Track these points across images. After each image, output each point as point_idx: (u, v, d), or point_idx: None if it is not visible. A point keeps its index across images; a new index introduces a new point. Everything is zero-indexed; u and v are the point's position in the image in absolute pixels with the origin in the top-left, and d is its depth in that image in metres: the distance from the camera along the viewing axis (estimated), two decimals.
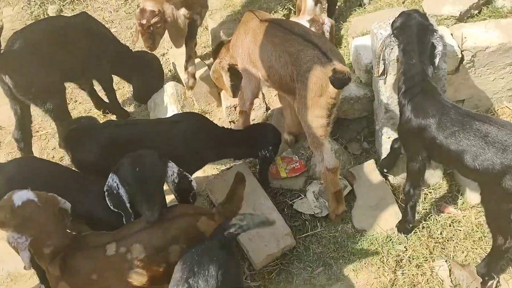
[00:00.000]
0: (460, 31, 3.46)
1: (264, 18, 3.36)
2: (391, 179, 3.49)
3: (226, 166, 3.77)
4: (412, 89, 2.89)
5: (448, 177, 3.48)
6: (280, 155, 3.65)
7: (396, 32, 2.96)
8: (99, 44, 3.69)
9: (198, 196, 3.55)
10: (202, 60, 4.30)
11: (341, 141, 3.73)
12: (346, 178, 3.50)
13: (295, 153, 3.72)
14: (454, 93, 3.58)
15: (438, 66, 3.09)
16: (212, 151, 3.32)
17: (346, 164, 3.60)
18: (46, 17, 5.06)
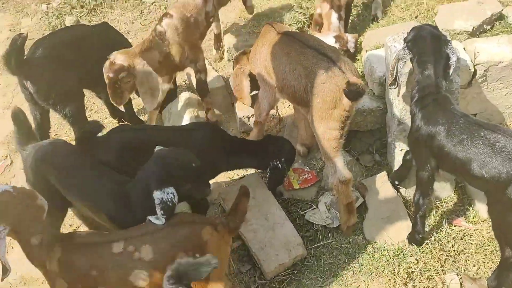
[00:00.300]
0: (472, 46, 3.49)
1: (281, 31, 3.40)
2: (403, 192, 3.50)
3: (239, 175, 3.80)
4: (425, 98, 2.91)
5: (459, 190, 3.49)
6: (292, 166, 3.68)
7: (410, 44, 2.98)
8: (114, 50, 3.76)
9: (211, 204, 3.58)
10: (216, 71, 4.36)
11: (353, 153, 3.75)
12: (358, 190, 3.52)
13: (306, 164, 3.75)
14: (466, 106, 3.60)
15: (451, 79, 3.12)
16: (226, 160, 3.35)
17: (358, 176, 3.61)
18: (68, 25, 5.16)
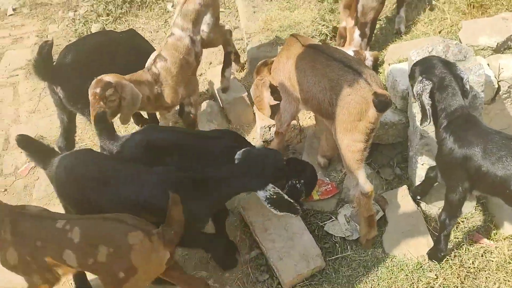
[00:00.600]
0: (497, 62, 3.49)
1: (306, 43, 3.42)
2: (423, 206, 3.49)
3: None
4: (455, 121, 2.90)
5: (481, 206, 3.47)
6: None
7: (425, 75, 2.95)
8: (144, 60, 3.82)
9: (230, 213, 3.60)
10: (239, 81, 4.40)
11: (373, 166, 3.75)
12: (378, 203, 3.51)
13: (326, 175, 3.76)
14: (489, 122, 3.58)
15: (474, 94, 3.14)
16: None
17: (378, 189, 3.60)
18: (97, 31, 5.25)
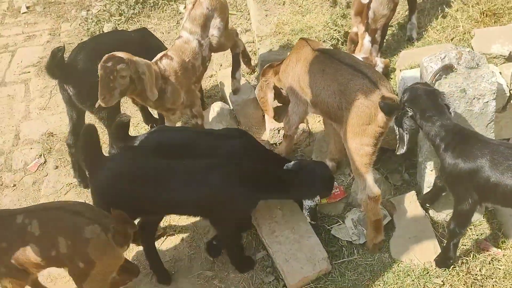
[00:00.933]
0: (509, 70, 3.50)
1: (316, 48, 3.43)
2: (431, 212, 3.49)
3: None
4: (453, 141, 2.92)
5: (489, 214, 3.46)
6: None
7: (408, 104, 3.01)
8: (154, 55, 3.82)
9: None
10: (249, 82, 4.43)
11: (382, 171, 3.74)
12: (386, 208, 3.51)
13: (335, 179, 3.75)
14: (499, 131, 3.58)
15: (486, 102, 3.14)
16: None
17: (386, 194, 3.60)
18: (110, 31, 5.29)
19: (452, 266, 3.20)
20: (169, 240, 3.62)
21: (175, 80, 3.52)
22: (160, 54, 3.59)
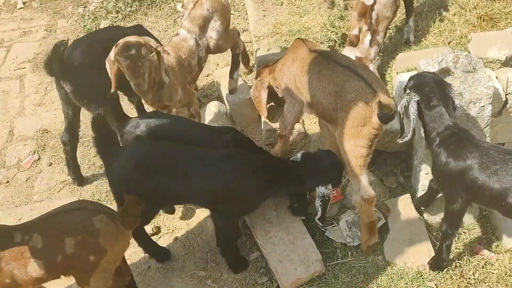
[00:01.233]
0: (505, 75, 3.50)
1: (313, 48, 3.43)
2: (426, 215, 3.49)
3: None
4: (448, 139, 2.92)
5: (483, 218, 3.46)
6: None
7: (414, 90, 3.00)
8: None
9: None
10: (246, 82, 4.41)
11: (377, 173, 3.74)
12: (381, 211, 3.50)
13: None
14: (495, 136, 3.58)
15: (482, 106, 3.15)
16: None
17: (381, 197, 3.60)
18: (105, 27, 5.26)
19: (446, 269, 3.20)
20: (162, 239, 3.61)
21: (172, 74, 3.52)
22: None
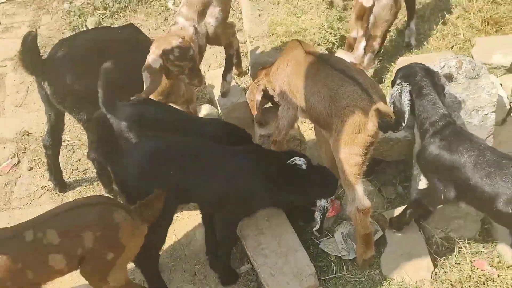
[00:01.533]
0: (510, 82, 3.45)
1: (308, 50, 3.33)
2: (425, 228, 3.34)
3: None
4: (442, 131, 2.90)
5: (484, 232, 3.36)
6: None
7: (405, 79, 3.01)
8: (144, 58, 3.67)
9: None
10: (239, 85, 4.29)
11: (375, 183, 3.64)
12: (378, 222, 3.40)
13: None
14: (498, 145, 3.46)
15: (485, 115, 3.10)
16: None
17: (379, 208, 3.49)
18: (95, 27, 5.10)
19: (445, 285, 3.09)
20: None
21: None
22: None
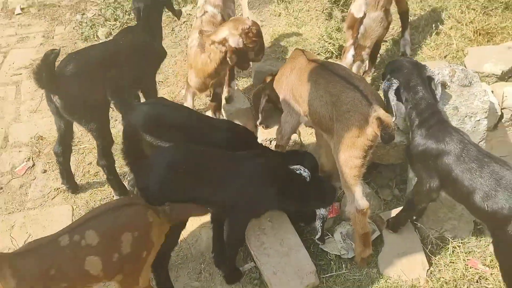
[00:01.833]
0: (501, 89, 3.51)
1: (311, 58, 3.45)
2: (420, 228, 3.46)
3: None
4: (428, 120, 2.97)
5: (477, 232, 3.46)
6: None
7: (392, 74, 3.09)
8: (151, 58, 3.75)
9: None
10: (244, 93, 4.42)
11: (372, 185, 3.74)
12: (375, 223, 3.50)
13: None
14: (490, 150, 3.53)
15: (478, 121, 3.17)
16: None
17: (376, 209, 3.60)
18: (104, 41, 5.20)
19: (440, 283, 3.19)
20: None
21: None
22: (194, 34, 3.60)
